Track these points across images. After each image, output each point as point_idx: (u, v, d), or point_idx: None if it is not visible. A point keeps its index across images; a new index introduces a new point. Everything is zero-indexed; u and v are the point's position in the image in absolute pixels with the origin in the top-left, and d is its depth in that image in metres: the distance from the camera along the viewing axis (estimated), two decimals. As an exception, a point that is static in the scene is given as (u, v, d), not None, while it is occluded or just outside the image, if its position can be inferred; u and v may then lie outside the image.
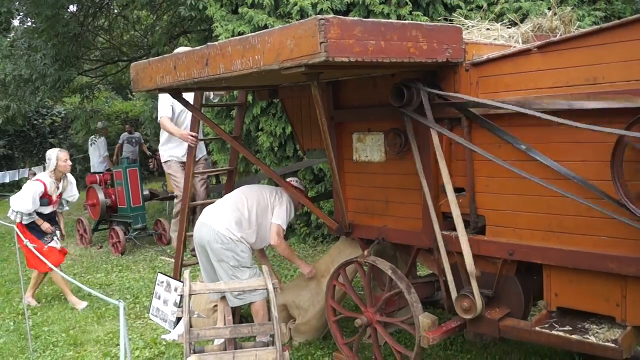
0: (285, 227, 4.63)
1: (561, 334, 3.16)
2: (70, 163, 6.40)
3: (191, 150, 5.41)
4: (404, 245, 4.18)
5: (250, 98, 7.15)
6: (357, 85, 4.15)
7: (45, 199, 6.29)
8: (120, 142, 13.00)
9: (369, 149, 4.14)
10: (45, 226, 6.31)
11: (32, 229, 6.29)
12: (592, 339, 3.06)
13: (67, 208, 6.70)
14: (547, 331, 3.21)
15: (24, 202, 6.16)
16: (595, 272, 3.08)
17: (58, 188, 6.39)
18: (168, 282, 5.53)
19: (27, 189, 6.21)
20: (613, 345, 2.98)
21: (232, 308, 4.67)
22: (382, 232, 4.11)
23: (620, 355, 2.95)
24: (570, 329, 3.20)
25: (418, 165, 3.63)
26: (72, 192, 6.60)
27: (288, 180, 4.93)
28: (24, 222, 6.25)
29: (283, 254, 4.66)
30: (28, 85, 11.06)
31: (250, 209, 4.55)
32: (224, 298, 4.67)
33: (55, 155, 6.34)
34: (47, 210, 6.37)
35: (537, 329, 3.27)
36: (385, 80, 3.89)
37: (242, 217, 4.49)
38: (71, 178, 6.57)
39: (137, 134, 12.85)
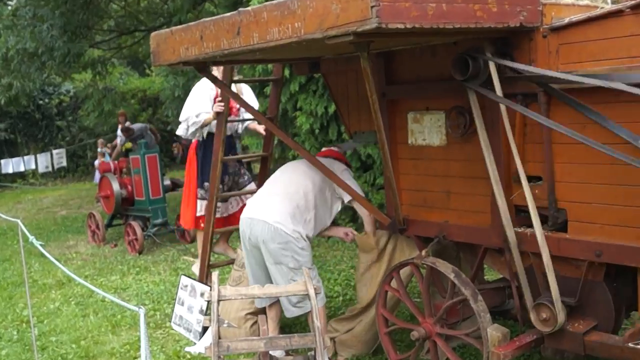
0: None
1: (659, 351, 3.13)
2: None
3: (220, 122, 5.39)
4: (468, 244, 4.18)
5: (287, 72, 7.18)
6: (412, 56, 4.15)
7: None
8: (120, 143, 13.02)
9: (427, 130, 4.14)
10: None
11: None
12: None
13: None
14: (643, 348, 3.18)
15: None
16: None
17: None
18: (193, 285, 5.60)
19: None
20: None
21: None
22: (443, 228, 4.10)
23: None
24: (670, 345, 3.16)
25: (485, 149, 3.61)
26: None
27: (329, 148, 4.94)
28: None
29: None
30: (33, 59, 11.32)
31: (305, 192, 4.56)
32: (272, 306, 4.73)
33: None
34: None
35: (631, 344, 3.23)
36: (447, 50, 3.88)
37: (297, 206, 4.50)
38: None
39: (138, 125, 12.80)
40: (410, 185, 4.32)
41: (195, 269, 6.19)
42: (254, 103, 6.44)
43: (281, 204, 4.49)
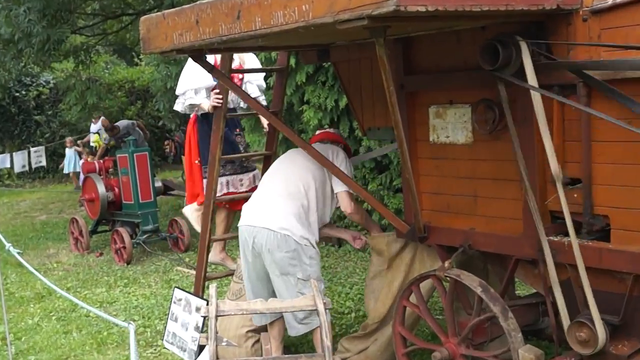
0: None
1: None
2: None
3: (218, 118, 5.35)
4: (497, 255, 4.15)
5: (292, 61, 7.18)
6: (434, 43, 4.13)
7: None
8: (105, 142, 13.01)
9: (451, 126, 4.12)
10: None
11: None
12: None
13: None
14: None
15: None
16: None
17: None
18: (187, 299, 5.57)
19: None
20: None
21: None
22: (468, 236, 4.08)
23: None
24: None
25: (517, 147, 3.59)
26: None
27: (324, 130, 4.97)
28: None
29: (360, 221, 4.90)
30: (8, 47, 11.37)
31: (306, 189, 4.54)
32: (274, 323, 4.70)
33: None
34: None
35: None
36: (473, 35, 3.86)
37: (302, 206, 4.49)
38: None
39: (124, 123, 12.77)
40: (431, 188, 4.31)
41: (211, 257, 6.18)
42: (259, 77, 6.47)
43: (285, 207, 4.47)
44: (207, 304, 4.09)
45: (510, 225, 3.88)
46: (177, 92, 6.40)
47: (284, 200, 4.50)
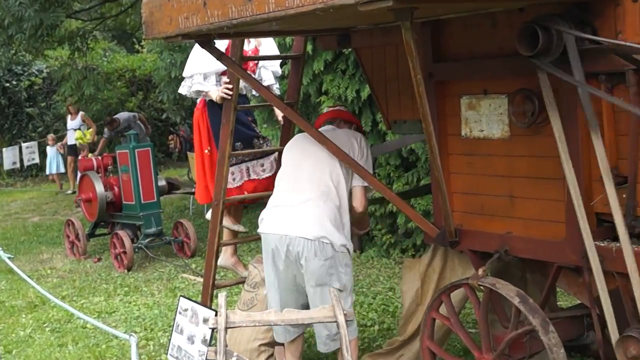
0: None
1: None
2: None
3: (228, 109, 5.32)
4: (536, 262, 4.14)
5: (309, 47, 7.15)
6: (467, 27, 4.13)
7: None
8: (104, 136, 13.08)
9: (485, 119, 4.12)
10: None
11: None
12: None
13: None
14: None
15: None
16: None
17: None
18: (194, 309, 5.55)
19: None
20: None
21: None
22: (505, 241, 4.06)
23: None
24: None
25: (560, 142, 3.58)
26: None
27: (334, 107, 5.01)
28: None
29: (363, 218, 5.05)
30: (-2, 33, 11.41)
31: (337, 185, 4.48)
32: (296, 338, 4.68)
33: None
34: None
35: None
36: (510, 18, 3.85)
37: (335, 208, 4.44)
38: None
39: (124, 115, 12.77)
40: (464, 187, 4.31)
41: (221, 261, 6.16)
42: (275, 62, 6.45)
43: (318, 211, 4.41)
44: (216, 315, 4.12)
45: (552, 228, 3.87)
46: (184, 74, 6.33)
47: (315, 202, 4.43)
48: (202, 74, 6.14)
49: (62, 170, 17.35)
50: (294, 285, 4.52)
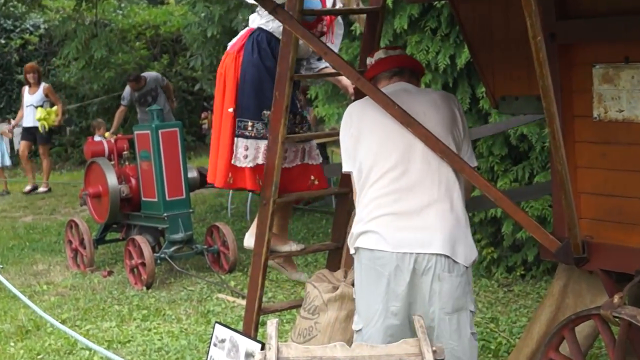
0: None
1: None
2: None
3: (282, 80, 5.22)
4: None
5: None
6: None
7: None
8: (123, 103, 13.10)
9: (627, 95, 4.17)
10: None
11: None
12: None
13: None
14: None
15: None
16: None
17: None
18: (234, 340, 5.56)
19: None
20: None
21: None
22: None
23: None
24: None
25: None
26: None
27: (393, 54, 4.87)
28: None
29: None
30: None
31: (457, 175, 4.47)
32: None
33: None
34: None
35: None
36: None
37: (461, 210, 4.47)
38: None
39: (152, 75, 12.86)
40: (595, 186, 4.41)
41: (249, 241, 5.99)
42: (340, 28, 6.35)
43: (446, 217, 4.41)
44: (263, 348, 4.20)
45: None
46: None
47: (441, 205, 4.42)
48: None
49: (8, 162, 16.88)
50: (407, 317, 4.47)
